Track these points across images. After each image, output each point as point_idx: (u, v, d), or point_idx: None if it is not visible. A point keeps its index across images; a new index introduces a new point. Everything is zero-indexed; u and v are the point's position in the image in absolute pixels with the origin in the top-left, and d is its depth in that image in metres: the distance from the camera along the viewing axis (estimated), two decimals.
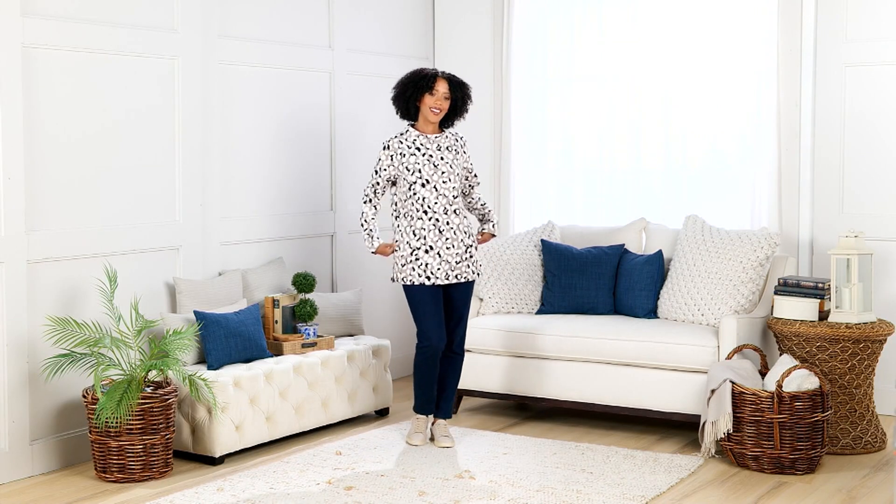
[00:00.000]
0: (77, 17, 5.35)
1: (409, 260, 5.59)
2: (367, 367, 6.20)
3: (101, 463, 5.10)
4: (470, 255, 5.65)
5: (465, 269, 5.64)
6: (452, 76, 5.69)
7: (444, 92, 5.62)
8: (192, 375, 5.21)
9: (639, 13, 6.92)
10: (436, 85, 5.61)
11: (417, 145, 5.64)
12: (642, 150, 6.96)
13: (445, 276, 5.59)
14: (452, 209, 5.61)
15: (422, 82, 5.61)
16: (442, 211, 5.59)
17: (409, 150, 5.63)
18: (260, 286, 6.13)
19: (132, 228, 5.63)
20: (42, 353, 5.21)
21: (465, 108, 5.72)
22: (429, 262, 5.57)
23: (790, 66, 6.42)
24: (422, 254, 5.58)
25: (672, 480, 5.08)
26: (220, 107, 6.10)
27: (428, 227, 5.58)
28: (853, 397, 5.55)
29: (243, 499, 4.82)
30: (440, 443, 5.66)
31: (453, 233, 5.60)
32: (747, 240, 5.95)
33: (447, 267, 5.59)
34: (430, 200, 5.58)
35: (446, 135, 5.71)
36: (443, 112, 5.64)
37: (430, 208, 5.58)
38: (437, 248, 5.58)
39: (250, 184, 6.32)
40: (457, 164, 5.66)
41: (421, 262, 5.58)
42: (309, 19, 6.70)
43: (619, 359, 5.90)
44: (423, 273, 5.57)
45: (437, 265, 5.58)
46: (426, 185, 5.58)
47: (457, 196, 5.63)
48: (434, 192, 5.58)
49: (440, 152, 5.63)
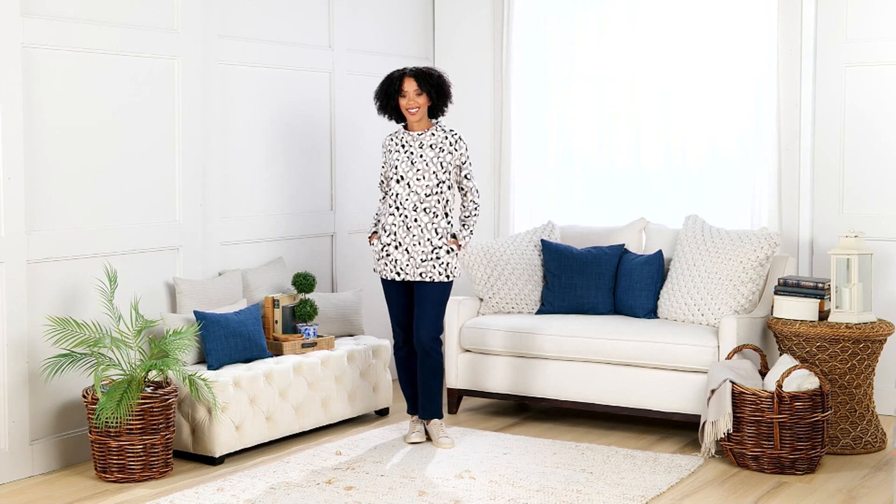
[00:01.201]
0: (77, 17, 5.35)
1: (381, 255, 5.66)
2: (367, 367, 6.20)
3: (101, 463, 5.10)
4: (437, 255, 5.62)
5: (430, 268, 5.61)
6: (418, 70, 5.65)
7: (413, 90, 5.62)
8: (192, 375, 5.21)
9: (639, 13, 6.92)
10: (402, 87, 5.63)
11: (403, 142, 5.68)
12: (642, 150, 6.96)
13: (413, 273, 5.61)
14: (422, 206, 5.60)
15: (390, 88, 5.66)
16: (411, 208, 5.59)
17: (396, 146, 5.69)
18: (260, 286, 6.13)
19: (132, 228, 5.63)
20: (42, 353, 5.21)
21: (445, 92, 5.69)
22: (398, 258, 5.62)
23: (790, 66, 6.42)
24: (392, 249, 5.62)
25: (672, 480, 5.08)
26: (219, 107, 6.10)
27: (398, 224, 5.61)
28: (853, 397, 5.55)
29: (243, 499, 4.82)
30: (439, 444, 5.65)
31: (420, 231, 5.60)
32: (747, 240, 5.95)
33: (413, 263, 5.60)
34: (402, 197, 5.60)
35: (433, 131, 5.67)
36: (421, 108, 5.63)
37: (401, 205, 5.61)
38: (405, 244, 5.60)
39: (250, 184, 6.32)
40: (437, 161, 5.61)
41: (391, 258, 5.62)
42: (309, 19, 6.70)
43: (618, 359, 5.90)
44: (392, 269, 5.62)
45: (406, 261, 5.61)
46: (400, 182, 5.61)
47: (430, 194, 5.60)
48: (406, 189, 5.59)
49: (421, 149, 5.64)
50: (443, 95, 5.69)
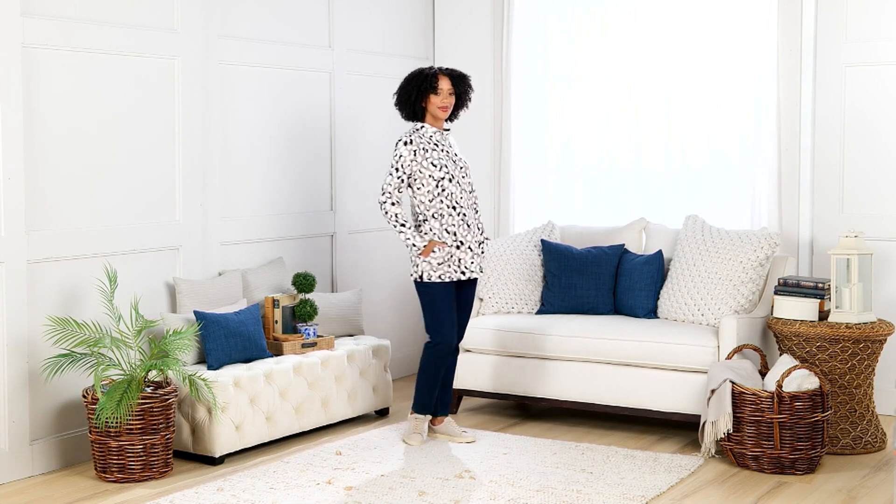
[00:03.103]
0: (77, 17, 5.35)
1: (445, 259, 5.58)
2: (367, 367, 6.20)
3: (101, 463, 5.10)
4: (482, 250, 5.70)
5: (481, 262, 5.71)
6: (452, 71, 5.68)
7: (448, 89, 5.62)
8: (192, 375, 5.21)
9: (639, 13, 6.92)
10: (439, 84, 5.60)
11: (435, 141, 5.64)
12: (642, 150, 6.96)
13: (479, 269, 5.67)
14: (470, 203, 5.66)
15: (424, 83, 5.59)
16: (466, 206, 5.62)
17: (430, 144, 5.61)
18: (260, 286, 6.13)
19: (132, 228, 5.63)
20: (42, 353, 5.21)
21: (469, 98, 5.74)
22: (462, 258, 5.60)
23: (790, 66, 6.42)
24: (454, 250, 5.60)
25: (672, 480, 5.08)
26: (219, 107, 6.10)
27: (457, 223, 5.60)
28: (853, 397, 5.55)
29: (243, 499, 4.82)
30: (463, 439, 5.72)
31: (476, 227, 5.66)
32: (747, 240, 5.95)
33: (479, 259, 5.65)
34: (457, 196, 5.60)
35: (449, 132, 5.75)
36: (450, 109, 5.65)
37: (457, 203, 5.60)
38: (467, 242, 5.61)
39: (250, 184, 6.32)
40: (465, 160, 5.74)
41: (454, 258, 5.59)
42: (309, 19, 6.70)
43: (619, 359, 5.90)
44: (457, 269, 5.60)
45: (471, 259, 5.62)
46: (452, 181, 5.59)
47: (472, 191, 5.67)
48: (458, 188, 5.61)
49: (452, 149, 5.68)
50: (467, 101, 5.72)
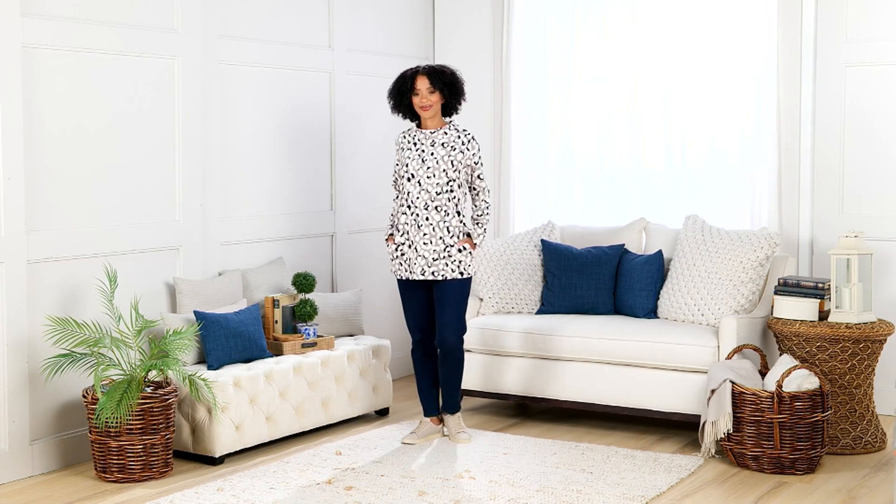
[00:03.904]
0: (77, 17, 5.35)
1: (396, 255, 5.66)
2: (367, 367, 6.20)
3: (101, 463, 5.10)
4: (449, 254, 5.61)
5: (442, 266, 5.60)
6: (431, 68, 5.65)
7: (426, 88, 5.61)
8: (192, 375, 5.21)
9: (639, 13, 6.92)
10: (415, 85, 5.62)
11: (415, 140, 5.68)
12: (642, 150, 6.96)
13: (422, 272, 5.59)
14: (433, 205, 5.59)
15: (403, 87, 5.65)
16: (422, 206, 5.59)
17: (408, 145, 5.69)
18: (260, 286, 6.13)
19: (132, 228, 5.63)
20: (42, 353, 5.21)
21: (458, 90, 5.69)
22: (410, 257, 5.60)
23: (790, 66, 6.42)
24: (405, 248, 5.62)
25: (672, 480, 5.08)
26: (219, 107, 6.10)
27: (409, 222, 5.61)
28: (853, 397, 5.55)
29: (243, 499, 4.82)
30: (457, 439, 5.69)
31: (431, 229, 5.59)
32: (747, 240, 5.95)
33: (423, 262, 5.59)
34: (413, 195, 5.60)
35: (446, 130, 5.68)
36: (434, 105, 5.64)
37: (412, 203, 5.60)
38: (415, 243, 5.60)
39: (250, 184, 6.32)
40: (448, 159, 5.61)
41: (405, 257, 5.62)
42: (309, 19, 6.70)
43: (619, 359, 5.90)
44: (405, 268, 5.62)
45: (415, 260, 5.60)
46: (411, 180, 5.61)
47: (441, 192, 5.59)
48: (417, 187, 5.59)
49: (432, 147, 5.63)
50: (456, 93, 5.69)
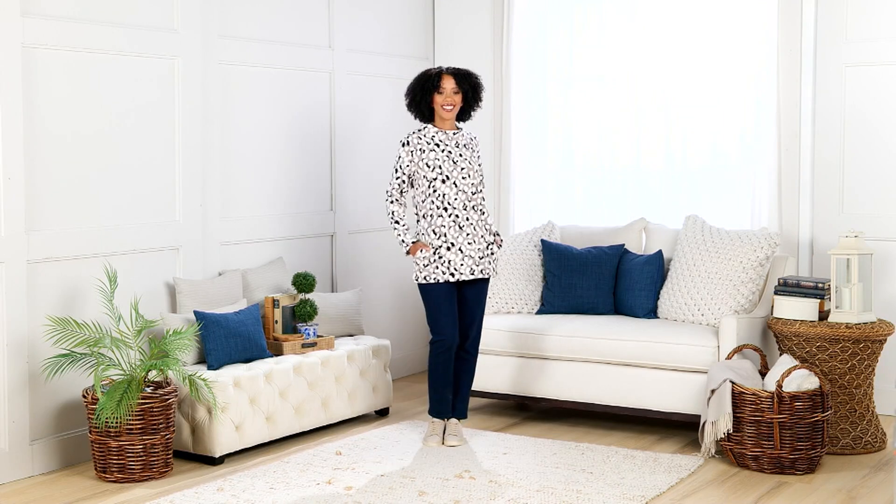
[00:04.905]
0: (77, 17, 5.35)
1: (432, 260, 5.59)
2: (367, 367, 6.20)
3: (101, 463, 5.10)
4: (491, 251, 5.67)
5: (486, 264, 5.66)
6: (457, 69, 5.69)
7: (451, 88, 5.63)
8: (192, 375, 5.21)
9: (638, 13, 6.92)
10: (442, 83, 5.62)
11: (437, 141, 5.65)
12: (642, 149, 6.97)
13: (470, 272, 5.61)
14: (471, 205, 5.62)
15: (428, 83, 5.63)
16: (461, 207, 5.60)
17: (429, 146, 5.64)
18: (260, 286, 6.13)
19: (132, 228, 5.63)
20: (42, 353, 5.21)
21: (479, 96, 5.73)
22: (451, 259, 5.58)
23: (790, 66, 6.42)
24: (444, 251, 5.58)
25: (672, 480, 5.08)
26: (220, 107, 6.10)
27: (448, 224, 5.58)
28: (853, 397, 5.55)
29: (243, 499, 4.82)
30: (447, 441, 5.66)
31: (473, 228, 5.62)
32: (747, 240, 5.95)
33: (471, 262, 5.61)
34: (450, 196, 5.59)
35: (463, 132, 5.72)
36: (456, 107, 5.66)
37: (449, 205, 5.59)
38: (458, 243, 5.59)
39: (250, 184, 6.32)
40: (475, 160, 5.70)
41: (444, 260, 5.58)
42: (309, 19, 6.70)
43: (619, 359, 5.90)
44: (446, 270, 5.58)
45: (461, 261, 5.59)
46: (446, 182, 5.59)
47: (476, 192, 5.64)
48: (454, 189, 5.59)
49: (458, 149, 5.65)
50: (476, 98, 5.72)
